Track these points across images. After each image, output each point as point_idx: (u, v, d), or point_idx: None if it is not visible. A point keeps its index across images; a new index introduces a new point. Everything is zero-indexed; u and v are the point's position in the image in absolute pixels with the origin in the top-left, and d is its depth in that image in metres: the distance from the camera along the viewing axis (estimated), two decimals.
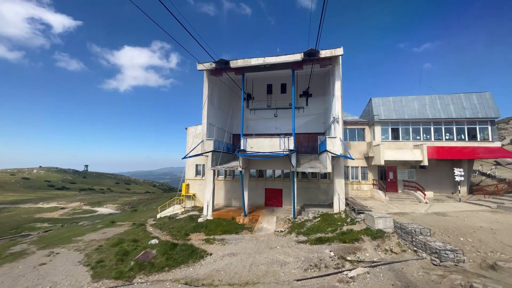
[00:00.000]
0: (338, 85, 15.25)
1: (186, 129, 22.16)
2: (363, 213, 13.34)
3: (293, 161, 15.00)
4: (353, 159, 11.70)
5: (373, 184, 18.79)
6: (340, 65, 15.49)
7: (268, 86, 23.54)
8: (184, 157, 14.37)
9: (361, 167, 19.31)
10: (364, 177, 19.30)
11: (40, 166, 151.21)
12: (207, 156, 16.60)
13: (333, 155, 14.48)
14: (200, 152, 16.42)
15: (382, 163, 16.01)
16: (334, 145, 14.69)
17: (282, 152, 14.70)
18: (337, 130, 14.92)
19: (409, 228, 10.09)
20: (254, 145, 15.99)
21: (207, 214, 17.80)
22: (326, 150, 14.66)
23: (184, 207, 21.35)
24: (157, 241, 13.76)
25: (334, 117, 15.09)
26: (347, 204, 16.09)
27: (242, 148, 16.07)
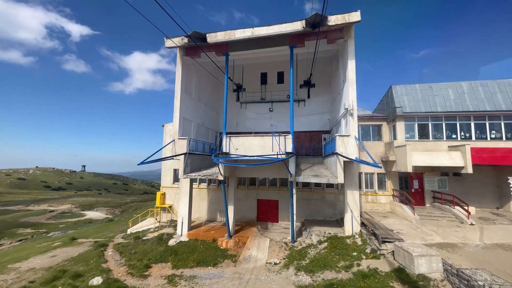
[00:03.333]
0: (351, 66, 11.33)
1: (163, 126, 18.32)
2: (390, 242, 9.43)
3: (292, 167, 11.11)
4: (380, 166, 7.83)
5: (393, 195, 14.84)
6: (354, 39, 11.57)
7: (262, 75, 19.68)
8: (141, 163, 10.54)
9: (378, 173, 15.34)
10: (382, 186, 15.34)
11: (37, 167, 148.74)
12: (179, 160, 12.72)
13: (345, 159, 10.58)
14: (170, 155, 12.55)
15: (409, 169, 12.06)
16: (347, 146, 10.78)
17: (276, 157, 10.81)
18: (351, 126, 11.01)
19: (480, 283, 6.17)
20: (240, 146, 12.12)
21: (182, 233, 13.94)
22: (335, 153, 10.76)
23: (159, 222, 17.50)
24: (100, 281, 9.90)
25: (346, 108, 11.18)
26: (362, 224, 12.19)
27: (224, 150, 12.20)
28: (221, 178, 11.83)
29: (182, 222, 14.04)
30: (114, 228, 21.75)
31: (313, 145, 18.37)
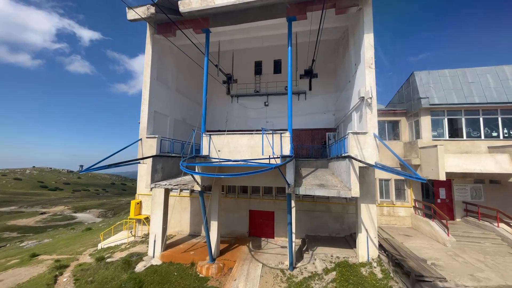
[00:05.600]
0: (369, 41, 8.58)
1: (139, 123, 15.57)
2: (427, 281, 6.70)
3: (290, 175, 8.40)
4: (425, 180, 5.14)
5: (415, 207, 12.11)
6: (371, 7, 8.81)
7: (256, 64, 16.98)
8: (87, 169, 7.78)
9: (395, 180, 12.63)
10: (400, 195, 12.62)
11: (33, 167, 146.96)
12: (146, 164, 10.02)
13: (362, 165, 7.85)
14: (136, 158, 9.83)
15: (442, 177, 9.33)
16: (364, 147, 8.07)
17: (267, 163, 8.10)
18: (369, 120, 8.28)
19: None
20: (223, 146, 9.41)
21: (154, 254, 11.27)
22: (348, 156, 8.03)
23: (134, 236, 14.81)
24: None
25: (362, 97, 8.44)
26: (381, 248, 9.48)
27: (203, 153, 9.49)
28: (198, 188, 9.12)
29: (155, 241, 11.36)
30: (88, 240, 19.05)
31: (316, 146, 15.68)
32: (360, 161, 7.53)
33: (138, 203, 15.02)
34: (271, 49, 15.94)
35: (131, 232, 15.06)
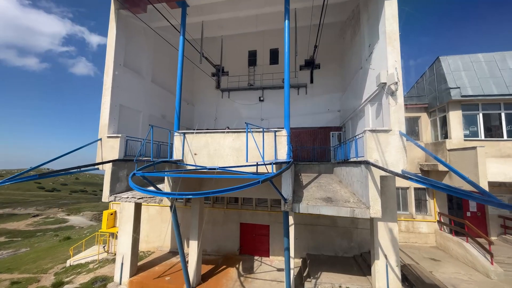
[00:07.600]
0: (391, 10, 6.50)
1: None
2: None
3: (287, 187, 6.30)
4: (510, 206, 3.26)
5: (440, 222, 9.98)
6: None
7: (250, 54, 14.91)
8: (4, 181, 5.74)
9: (415, 188, 10.51)
10: (421, 207, 10.49)
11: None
12: (105, 169, 7.91)
13: (383, 174, 5.75)
14: (89, 164, 7.73)
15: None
16: (386, 149, 5.98)
17: (255, 173, 6.00)
18: (392, 114, 6.17)
19: None
20: (200, 149, 7.31)
21: (121, 281, 9.17)
22: (365, 162, 5.93)
23: (107, 252, 12.73)
24: None
25: (384, 83, 6.33)
26: (404, 279, 7.37)
27: (175, 156, 7.38)
28: (167, 203, 7.02)
29: (123, 263, 9.27)
30: (61, 253, 16.95)
31: (319, 147, 13.57)
32: (383, 169, 5.41)
33: (111, 214, 12.93)
34: (266, 35, 13.93)
35: (103, 247, 12.98)
